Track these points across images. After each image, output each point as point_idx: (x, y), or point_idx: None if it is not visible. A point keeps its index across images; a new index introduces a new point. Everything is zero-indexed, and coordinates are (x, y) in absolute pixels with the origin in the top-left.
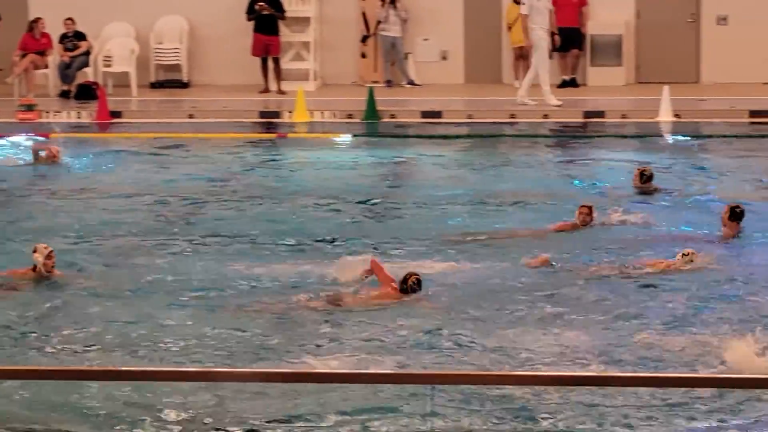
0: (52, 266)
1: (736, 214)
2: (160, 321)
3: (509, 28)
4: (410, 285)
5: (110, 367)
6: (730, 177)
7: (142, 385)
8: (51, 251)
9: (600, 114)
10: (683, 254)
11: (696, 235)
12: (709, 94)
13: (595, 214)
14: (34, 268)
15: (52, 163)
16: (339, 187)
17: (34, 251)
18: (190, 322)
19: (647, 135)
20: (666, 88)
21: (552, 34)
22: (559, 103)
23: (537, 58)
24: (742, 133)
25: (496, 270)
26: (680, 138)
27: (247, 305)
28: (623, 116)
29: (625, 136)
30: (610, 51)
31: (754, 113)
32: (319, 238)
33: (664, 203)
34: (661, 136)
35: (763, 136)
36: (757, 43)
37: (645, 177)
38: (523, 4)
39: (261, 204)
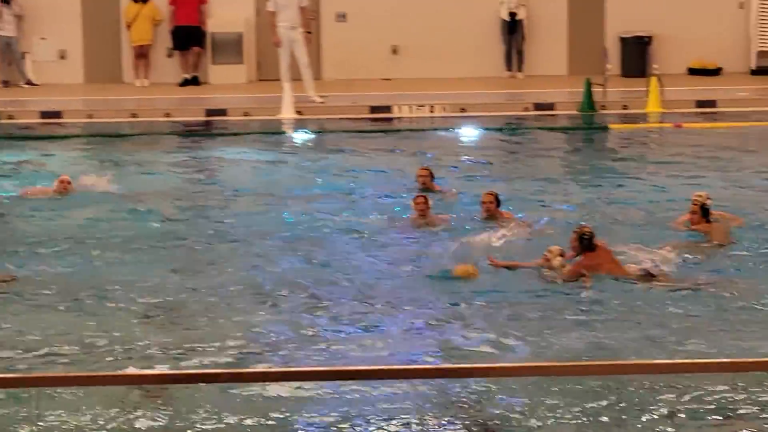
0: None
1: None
2: None
3: (128, 26)
4: None
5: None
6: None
7: None
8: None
9: (222, 112)
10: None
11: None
12: (331, 91)
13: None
14: None
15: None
16: None
17: None
18: None
19: (270, 132)
20: (287, 85)
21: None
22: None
23: (280, 55)
24: (368, 129)
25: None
26: (304, 134)
27: None
28: (246, 114)
29: (250, 133)
30: (230, 49)
31: (374, 109)
32: None
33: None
34: (284, 132)
35: (384, 131)
36: (375, 40)
37: (432, 176)
38: (267, 0)
39: None
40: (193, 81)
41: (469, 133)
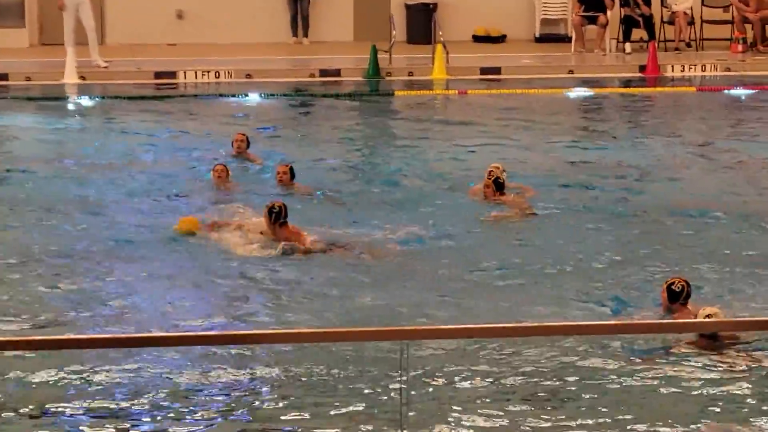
0: None
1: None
2: None
3: None
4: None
5: None
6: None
7: None
8: None
9: (4, 76)
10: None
11: None
12: (115, 56)
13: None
14: None
15: None
16: None
17: None
18: None
19: (53, 97)
20: (71, 50)
21: None
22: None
23: (65, 18)
24: (153, 94)
25: None
26: (88, 99)
27: None
28: (28, 78)
29: (32, 98)
30: (12, 12)
31: (159, 74)
32: None
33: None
34: (67, 98)
35: (170, 97)
36: (160, 4)
37: (248, 143)
38: None
39: None
40: None
41: (255, 100)
